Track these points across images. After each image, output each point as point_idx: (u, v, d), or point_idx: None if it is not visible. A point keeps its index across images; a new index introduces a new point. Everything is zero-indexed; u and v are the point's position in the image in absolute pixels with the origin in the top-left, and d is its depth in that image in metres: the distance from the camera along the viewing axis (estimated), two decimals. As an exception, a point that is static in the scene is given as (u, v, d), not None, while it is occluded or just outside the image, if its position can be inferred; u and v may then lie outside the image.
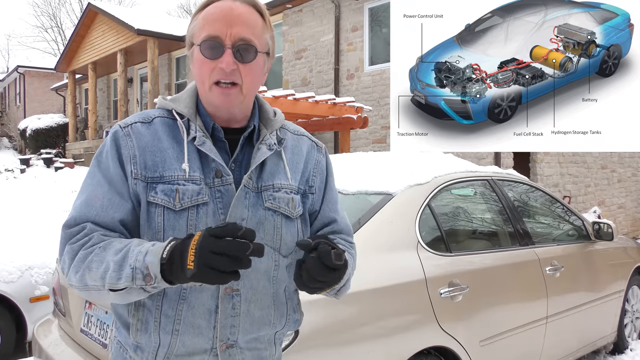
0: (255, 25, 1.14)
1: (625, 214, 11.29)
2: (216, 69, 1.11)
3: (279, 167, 1.22)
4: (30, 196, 9.56)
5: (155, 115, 1.19)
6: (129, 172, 1.12)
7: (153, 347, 1.13)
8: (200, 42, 1.12)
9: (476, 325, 2.63)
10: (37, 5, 50.65)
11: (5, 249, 4.03)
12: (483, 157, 7.90)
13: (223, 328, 1.13)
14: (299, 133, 1.32)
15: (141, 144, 1.13)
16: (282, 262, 1.19)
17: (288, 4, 10.73)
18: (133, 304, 1.13)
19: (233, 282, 1.08)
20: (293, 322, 1.27)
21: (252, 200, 1.16)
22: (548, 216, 3.85)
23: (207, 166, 1.14)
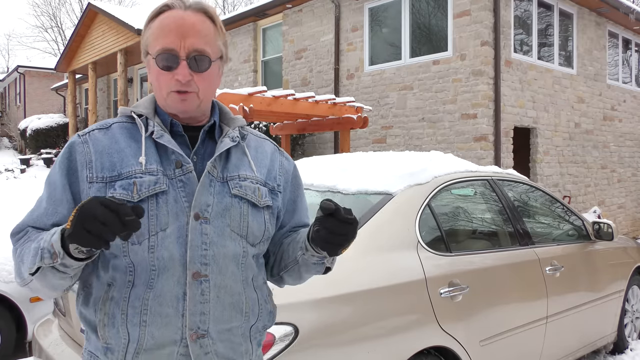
0: (208, 33, 1.17)
1: (625, 214, 11.29)
2: (173, 80, 1.15)
3: (244, 161, 1.24)
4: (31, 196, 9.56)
5: (113, 122, 1.23)
6: (83, 177, 1.15)
7: (122, 344, 1.12)
8: (155, 54, 1.16)
9: (476, 325, 2.63)
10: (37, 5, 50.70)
11: (5, 249, 4.02)
12: (483, 157, 7.91)
13: (192, 315, 1.12)
14: (261, 137, 1.36)
15: (98, 149, 1.16)
16: (250, 250, 1.21)
17: (288, 4, 10.73)
18: (100, 299, 1.14)
19: (200, 267, 1.13)
20: (267, 314, 1.26)
21: (217, 189, 1.18)
22: (548, 216, 3.85)
23: (167, 159, 1.17)
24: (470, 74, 8.10)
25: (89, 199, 0.93)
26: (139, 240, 1.11)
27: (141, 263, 1.12)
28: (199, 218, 1.14)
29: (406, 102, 8.98)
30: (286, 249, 1.28)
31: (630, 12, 10.11)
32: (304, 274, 1.28)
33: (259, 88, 6.81)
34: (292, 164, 1.38)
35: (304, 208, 1.38)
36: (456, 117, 8.27)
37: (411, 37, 9.06)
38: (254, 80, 11.99)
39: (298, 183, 1.37)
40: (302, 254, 1.21)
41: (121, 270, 1.13)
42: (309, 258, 1.20)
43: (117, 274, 1.13)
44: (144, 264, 1.12)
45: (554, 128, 9.18)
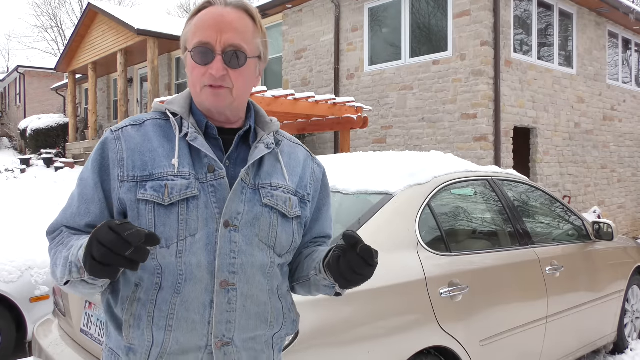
0: (246, 30, 1.17)
1: (625, 214, 11.29)
2: (207, 74, 1.14)
3: (277, 168, 1.23)
4: (30, 196, 9.56)
5: (147, 118, 1.21)
6: (115, 175, 1.14)
7: (146, 346, 1.11)
8: (192, 48, 1.15)
9: (476, 325, 2.63)
10: (37, 5, 50.70)
11: (5, 249, 4.03)
12: (483, 157, 7.91)
13: (218, 323, 1.12)
14: (294, 142, 1.34)
15: (130, 146, 1.15)
16: (276, 260, 1.20)
17: (288, 4, 10.73)
18: (127, 299, 1.13)
19: (228, 275, 1.11)
20: (290, 323, 1.26)
21: (249, 196, 1.16)
22: (548, 216, 3.85)
23: (200, 162, 1.15)
24: (470, 74, 8.10)
25: (100, 225, 0.92)
26: (167, 244, 1.10)
27: (169, 267, 1.11)
28: (229, 226, 1.13)
29: (406, 102, 8.98)
30: (302, 262, 1.27)
31: (630, 12, 10.11)
32: (314, 291, 1.27)
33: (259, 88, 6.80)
34: (322, 171, 1.35)
35: (329, 218, 1.36)
36: (456, 117, 8.27)
37: (411, 37, 9.06)
38: (254, 80, 11.97)
39: (326, 192, 1.35)
40: (314, 274, 1.20)
41: (149, 271, 1.12)
42: (320, 280, 1.19)
43: (145, 275, 1.12)
44: (172, 267, 1.11)
45: (554, 128, 9.18)
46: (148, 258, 1.04)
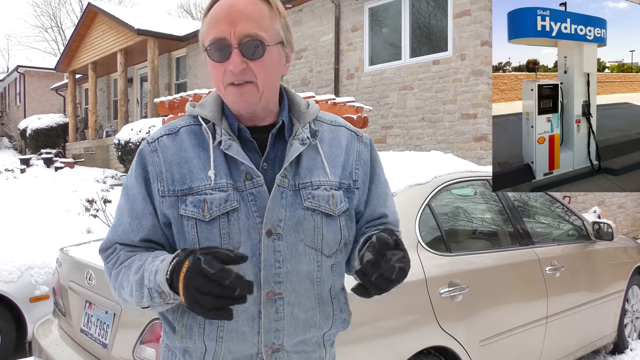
0: (261, 17, 1.09)
1: (625, 214, 11.29)
2: (227, 71, 1.09)
3: (317, 162, 1.16)
4: (30, 196, 9.56)
5: (181, 125, 1.18)
6: (155, 190, 1.13)
7: (200, 351, 1.13)
8: (207, 46, 1.10)
9: (476, 325, 2.63)
10: (37, 5, 50.62)
11: (5, 249, 4.03)
12: (483, 157, 7.91)
13: (267, 333, 1.12)
14: (336, 123, 1.25)
15: (167, 158, 1.13)
16: (325, 263, 1.16)
17: (288, 4, 10.73)
18: (179, 310, 1.13)
19: (274, 286, 1.11)
20: (341, 322, 1.23)
21: (289, 200, 1.12)
22: (548, 216, 3.85)
23: (237, 169, 1.12)
24: (470, 74, 8.10)
25: (188, 269, 0.92)
26: None
27: None
28: (272, 234, 1.10)
29: (406, 102, 8.98)
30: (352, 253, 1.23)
31: None
32: None
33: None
34: (369, 150, 1.26)
35: (382, 193, 1.27)
36: (456, 117, 8.27)
37: (411, 37, 9.06)
38: (254, 80, 11.98)
39: (375, 173, 1.25)
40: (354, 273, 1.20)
41: None
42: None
43: None
44: None
45: (554, 128, 9.18)
46: None
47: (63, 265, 2.87)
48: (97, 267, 2.48)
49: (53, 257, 3.88)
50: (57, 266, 2.98)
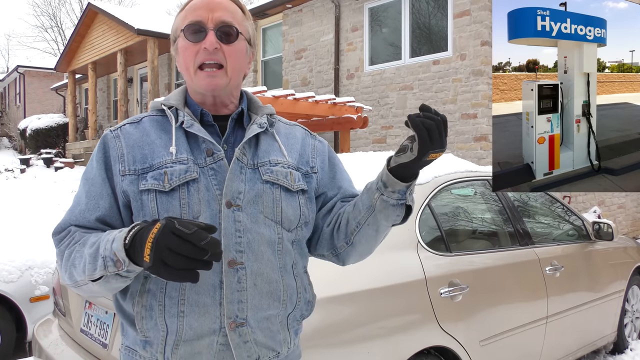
0: (236, 12, 1.20)
1: (625, 214, 11.29)
2: (200, 51, 1.15)
3: (274, 147, 1.23)
4: (30, 196, 9.56)
5: (144, 115, 1.24)
6: (117, 171, 1.15)
7: (161, 336, 1.12)
8: (183, 27, 1.17)
9: (476, 325, 2.63)
10: (37, 5, 50.69)
11: (5, 249, 4.03)
12: (483, 157, 7.91)
13: (229, 304, 1.11)
14: (291, 124, 1.35)
15: (129, 142, 1.17)
16: (285, 236, 1.19)
17: (288, 4, 10.73)
18: (137, 292, 1.13)
19: (235, 255, 1.11)
20: (305, 303, 1.24)
21: (248, 176, 1.17)
22: (548, 216, 3.85)
23: (198, 148, 1.17)
24: (470, 74, 8.10)
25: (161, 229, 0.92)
26: None
27: None
28: (231, 206, 1.13)
29: (406, 102, 8.98)
30: (355, 207, 1.23)
31: None
32: (383, 224, 1.21)
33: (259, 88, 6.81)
34: (325, 145, 1.36)
35: (347, 179, 1.35)
36: (456, 117, 8.27)
37: (411, 37, 9.06)
38: (254, 80, 11.99)
39: (334, 162, 1.34)
40: (380, 195, 1.16)
41: None
42: (388, 198, 1.15)
43: None
44: None
45: (554, 128, 9.17)
46: None
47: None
48: (97, 267, 2.48)
49: (53, 257, 3.88)
50: (57, 266, 2.98)
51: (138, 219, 1.12)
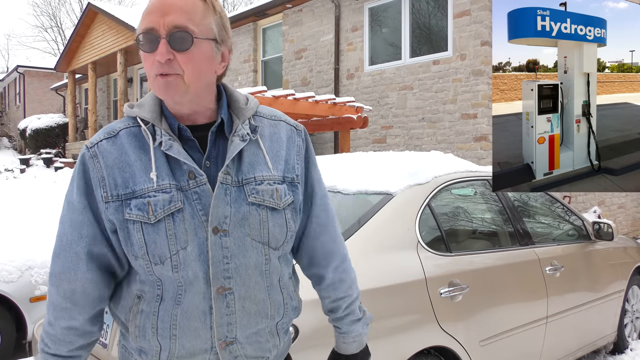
0: (193, 10, 1.09)
1: (625, 214, 11.29)
2: (155, 62, 1.08)
3: (259, 157, 1.17)
4: (30, 196, 9.56)
5: (120, 127, 1.16)
6: (99, 197, 1.12)
7: (155, 350, 1.14)
8: (138, 35, 1.10)
9: (476, 325, 2.63)
10: (37, 5, 50.68)
11: (5, 249, 4.02)
12: (483, 157, 7.91)
13: (219, 327, 1.13)
14: (275, 118, 1.26)
15: (109, 163, 1.12)
16: (272, 255, 1.17)
17: (288, 4, 10.73)
18: (131, 312, 1.16)
19: (223, 281, 1.12)
20: (292, 310, 1.26)
21: (233, 196, 1.13)
22: (548, 216, 3.85)
23: (179, 169, 1.12)
24: (470, 74, 8.10)
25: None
26: (161, 260, 1.09)
27: (167, 280, 1.12)
28: (218, 231, 1.11)
29: (406, 102, 8.98)
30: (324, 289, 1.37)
31: None
32: None
33: (259, 88, 6.81)
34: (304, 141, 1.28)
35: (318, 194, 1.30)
36: (456, 117, 8.27)
37: (411, 37, 9.06)
38: (254, 80, 11.99)
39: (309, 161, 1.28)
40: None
41: (149, 284, 1.14)
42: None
43: (146, 287, 1.14)
44: (170, 280, 1.12)
45: (554, 128, 9.17)
46: (146, 273, 1.12)
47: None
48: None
49: (53, 257, 3.88)
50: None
51: (127, 246, 1.11)
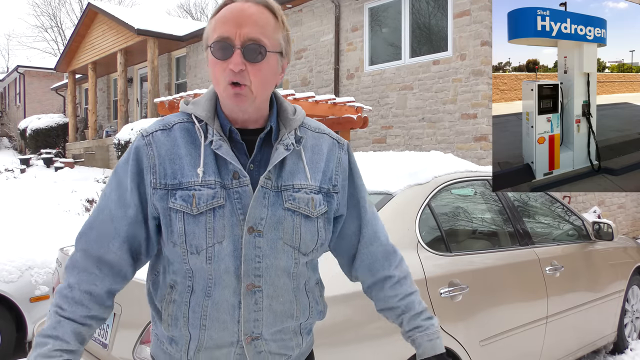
0: (266, 25, 1.16)
1: (625, 214, 11.29)
2: (227, 70, 1.14)
3: (299, 167, 1.24)
4: (30, 196, 9.56)
5: (175, 121, 1.23)
6: (148, 182, 1.18)
7: (185, 339, 1.20)
8: (211, 43, 1.16)
9: (476, 325, 2.63)
10: (37, 5, 50.68)
11: (5, 249, 4.02)
12: (483, 157, 7.91)
13: (247, 322, 1.19)
14: (319, 131, 1.32)
15: (161, 152, 1.19)
16: (301, 259, 1.23)
17: (288, 4, 10.73)
18: (164, 300, 1.21)
19: (254, 279, 1.18)
20: (317, 313, 1.32)
21: (271, 200, 1.19)
22: (548, 216, 3.85)
23: (225, 168, 1.18)
24: (470, 74, 8.10)
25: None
26: (197, 251, 1.15)
27: (199, 271, 1.17)
28: (253, 231, 1.17)
29: (406, 102, 8.98)
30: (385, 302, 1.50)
31: None
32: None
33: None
34: (347, 156, 1.34)
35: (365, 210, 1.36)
36: (456, 117, 8.27)
37: (411, 37, 9.06)
38: (254, 80, 11.97)
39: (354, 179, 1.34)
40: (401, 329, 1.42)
41: (181, 274, 1.19)
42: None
43: (178, 278, 1.20)
44: (202, 272, 1.17)
45: (554, 128, 9.17)
46: (181, 262, 1.18)
47: (63, 265, 2.87)
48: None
49: (53, 257, 3.88)
50: (57, 266, 2.98)
51: (167, 233, 1.17)
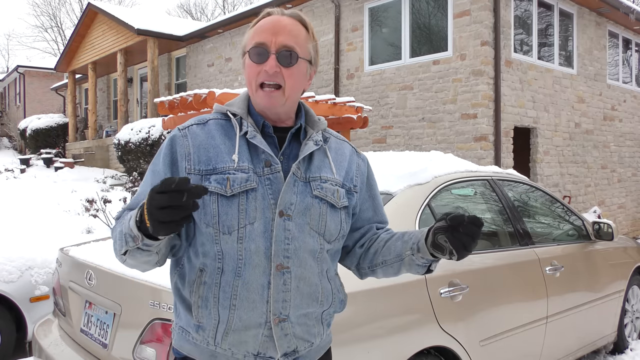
0: (299, 35, 1.31)
1: (625, 214, 11.29)
2: (261, 72, 1.28)
3: (325, 163, 1.36)
4: (30, 196, 9.56)
5: (209, 118, 1.35)
6: (182, 168, 1.27)
7: (213, 324, 1.25)
8: (249, 48, 1.30)
9: (476, 325, 2.63)
10: (37, 5, 50.71)
11: (5, 248, 4.02)
12: (483, 157, 7.91)
13: (275, 302, 1.25)
14: (340, 138, 1.48)
15: (196, 143, 1.29)
16: (325, 246, 1.32)
17: (288, 4, 10.73)
18: (194, 282, 1.26)
19: (283, 260, 1.25)
20: (339, 302, 1.39)
21: (300, 188, 1.29)
22: (548, 216, 3.85)
23: (257, 157, 1.28)
24: (470, 74, 8.10)
25: (148, 196, 1.03)
26: (229, 231, 1.23)
27: (229, 252, 1.24)
28: (283, 215, 1.25)
29: (406, 102, 8.98)
30: (387, 247, 1.39)
31: (630, 12, 10.11)
32: (403, 271, 1.39)
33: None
34: (367, 164, 1.48)
35: (379, 204, 1.49)
36: (456, 117, 8.27)
37: (411, 37, 9.06)
38: (254, 80, 11.97)
39: (371, 184, 1.48)
40: (410, 254, 1.33)
41: (211, 257, 1.25)
42: (417, 259, 1.32)
43: (208, 261, 1.26)
44: (232, 252, 1.24)
45: (554, 128, 9.18)
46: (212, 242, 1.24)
47: (63, 265, 2.87)
48: (97, 267, 2.48)
49: (53, 257, 3.88)
50: (57, 266, 2.98)
51: (201, 214, 1.24)
